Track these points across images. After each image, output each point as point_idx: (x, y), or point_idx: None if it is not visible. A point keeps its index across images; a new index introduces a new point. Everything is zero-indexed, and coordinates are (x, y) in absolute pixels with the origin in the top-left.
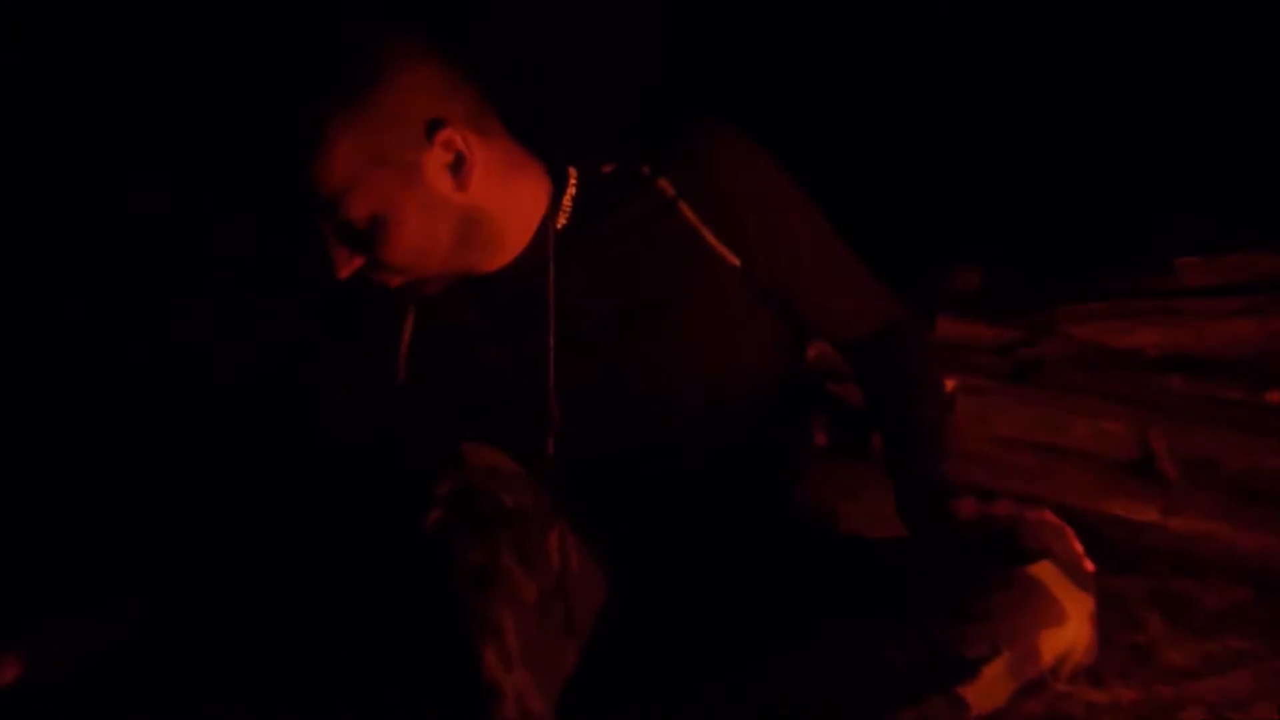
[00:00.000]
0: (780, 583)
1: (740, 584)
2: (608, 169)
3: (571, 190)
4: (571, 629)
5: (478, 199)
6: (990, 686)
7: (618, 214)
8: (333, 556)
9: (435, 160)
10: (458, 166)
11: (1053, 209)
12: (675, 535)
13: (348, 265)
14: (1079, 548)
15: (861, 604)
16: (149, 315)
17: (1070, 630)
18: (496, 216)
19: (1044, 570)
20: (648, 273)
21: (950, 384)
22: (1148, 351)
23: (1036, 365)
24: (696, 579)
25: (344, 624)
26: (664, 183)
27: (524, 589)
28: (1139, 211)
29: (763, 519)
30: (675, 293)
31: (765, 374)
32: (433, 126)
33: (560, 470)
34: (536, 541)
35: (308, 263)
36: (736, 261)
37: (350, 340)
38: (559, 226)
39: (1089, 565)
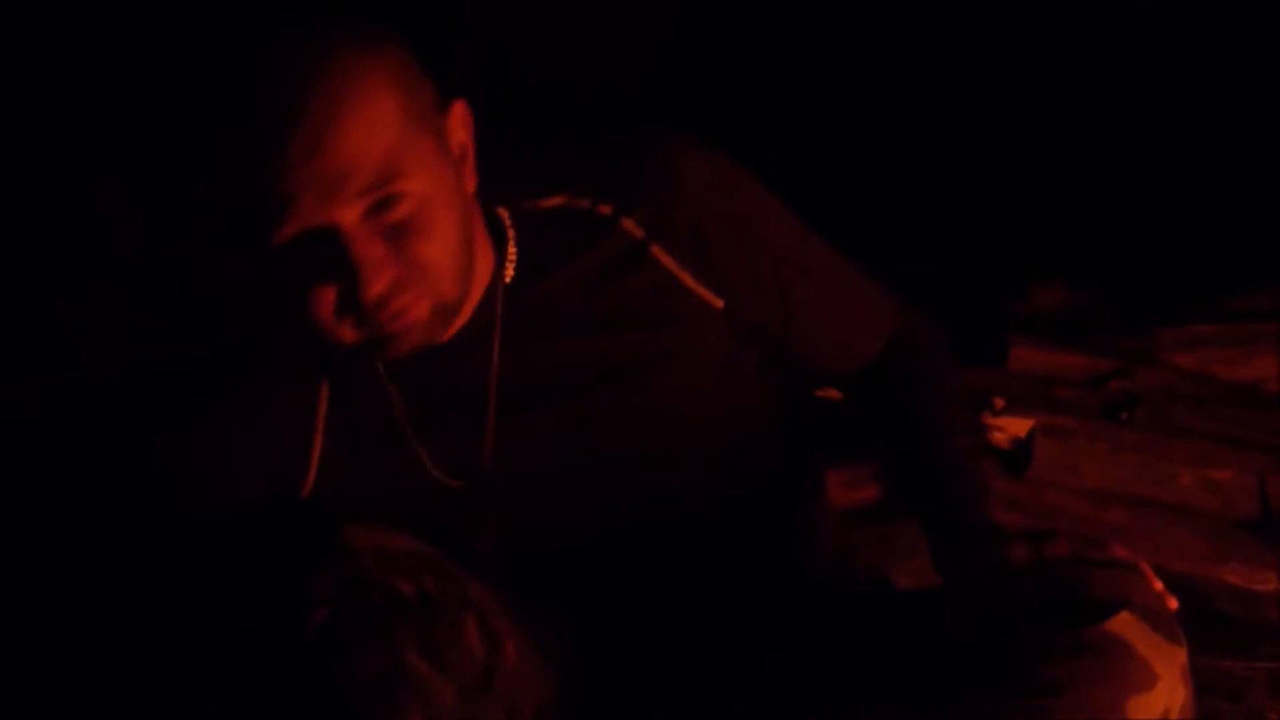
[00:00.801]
0: (794, 662)
1: (745, 670)
2: (547, 204)
3: (511, 234)
4: None
5: (472, 213)
6: None
7: (573, 264)
8: (189, 673)
9: (452, 134)
10: (463, 156)
11: (1150, 212)
12: (661, 632)
13: (380, 275)
14: (1158, 585)
15: (903, 684)
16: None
17: (1162, 693)
18: (474, 252)
19: (1124, 624)
20: (612, 333)
21: (1027, 424)
22: (1268, 385)
23: (1132, 401)
24: (689, 669)
25: None
26: (630, 223)
27: (439, 691)
28: (1254, 215)
29: (770, 593)
30: (650, 357)
31: (754, 423)
32: (441, 98)
33: (510, 585)
34: (449, 631)
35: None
36: (719, 302)
37: (237, 427)
38: (506, 282)
39: (1173, 603)
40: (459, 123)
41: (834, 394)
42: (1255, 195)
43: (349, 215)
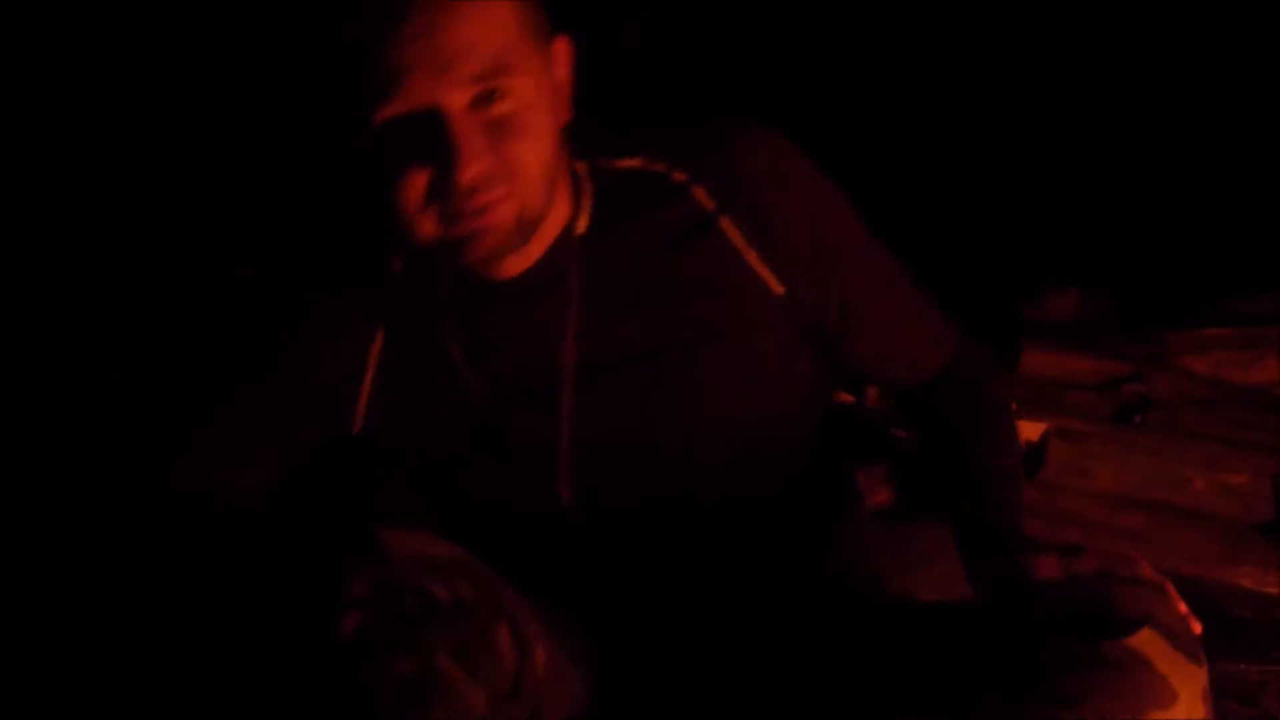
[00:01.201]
0: (819, 665)
1: (769, 671)
2: (623, 165)
3: (589, 188)
4: None
5: (561, 142)
6: None
7: (645, 225)
8: (215, 678)
9: (555, 64)
10: (561, 88)
11: (1160, 218)
12: (693, 614)
13: (477, 160)
14: (1183, 607)
15: (921, 689)
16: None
17: (1181, 711)
18: (554, 190)
19: (1145, 641)
20: (680, 300)
21: (1040, 428)
22: (1276, 389)
23: (1144, 405)
24: (716, 666)
25: None
26: (701, 193)
27: (470, 697)
28: (1262, 220)
29: (798, 592)
30: (712, 327)
31: (801, 422)
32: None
33: (566, 532)
34: (481, 638)
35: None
36: (780, 289)
37: (276, 371)
38: (578, 232)
39: (1196, 626)
40: (561, 57)
41: (846, 398)
42: (1264, 200)
43: (456, 99)
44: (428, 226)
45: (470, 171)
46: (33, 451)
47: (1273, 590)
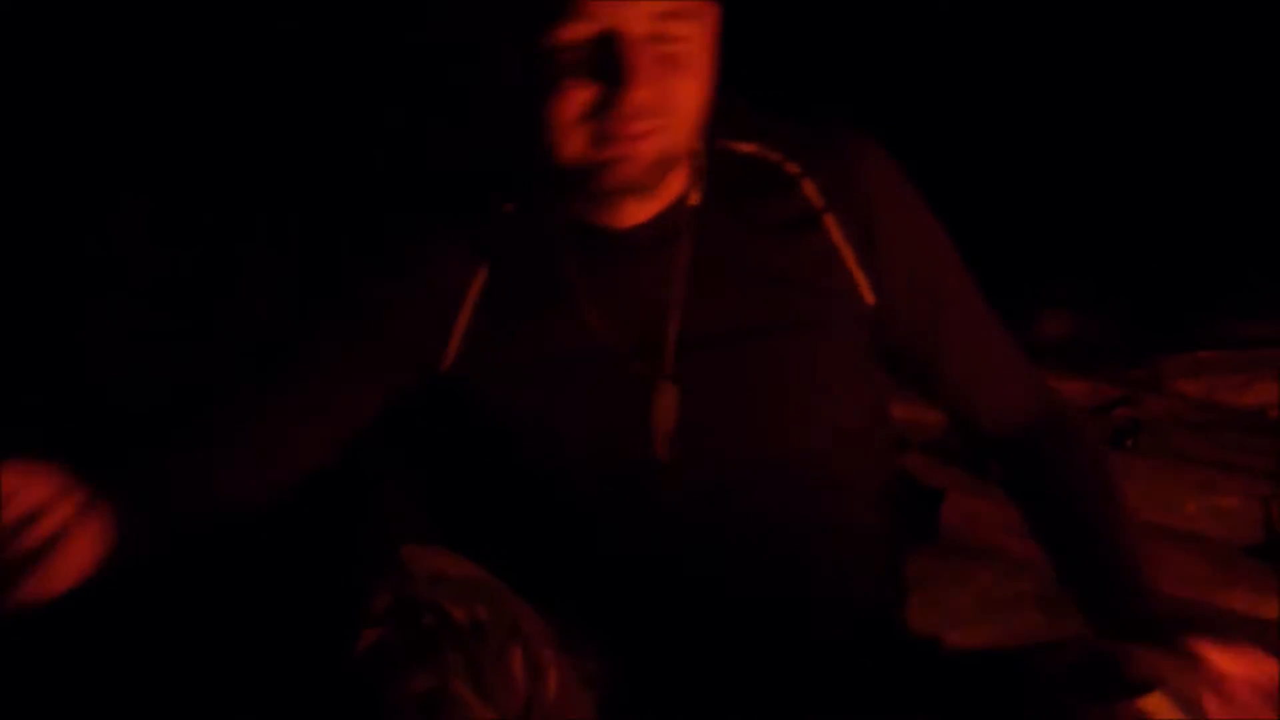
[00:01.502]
0: (835, 694)
1: (782, 694)
2: (741, 149)
3: (705, 166)
4: None
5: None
6: None
7: (754, 209)
8: (233, 688)
9: (713, 25)
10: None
11: (1155, 241)
12: (720, 632)
13: (646, 85)
14: (1240, 693)
15: None
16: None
17: None
18: (693, 140)
19: (1155, 705)
20: (776, 287)
21: None
22: (1271, 411)
23: (1137, 428)
24: (738, 694)
25: None
26: (811, 188)
27: (482, 718)
28: (1256, 244)
29: (835, 619)
30: (799, 319)
31: (875, 440)
32: None
33: (650, 491)
34: (495, 661)
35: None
36: (872, 299)
37: (359, 313)
38: (691, 203)
39: (1216, 712)
40: (714, 24)
41: None
42: (1257, 224)
43: (638, 27)
44: (575, 144)
45: (640, 94)
46: (33, 451)
47: (1266, 614)
